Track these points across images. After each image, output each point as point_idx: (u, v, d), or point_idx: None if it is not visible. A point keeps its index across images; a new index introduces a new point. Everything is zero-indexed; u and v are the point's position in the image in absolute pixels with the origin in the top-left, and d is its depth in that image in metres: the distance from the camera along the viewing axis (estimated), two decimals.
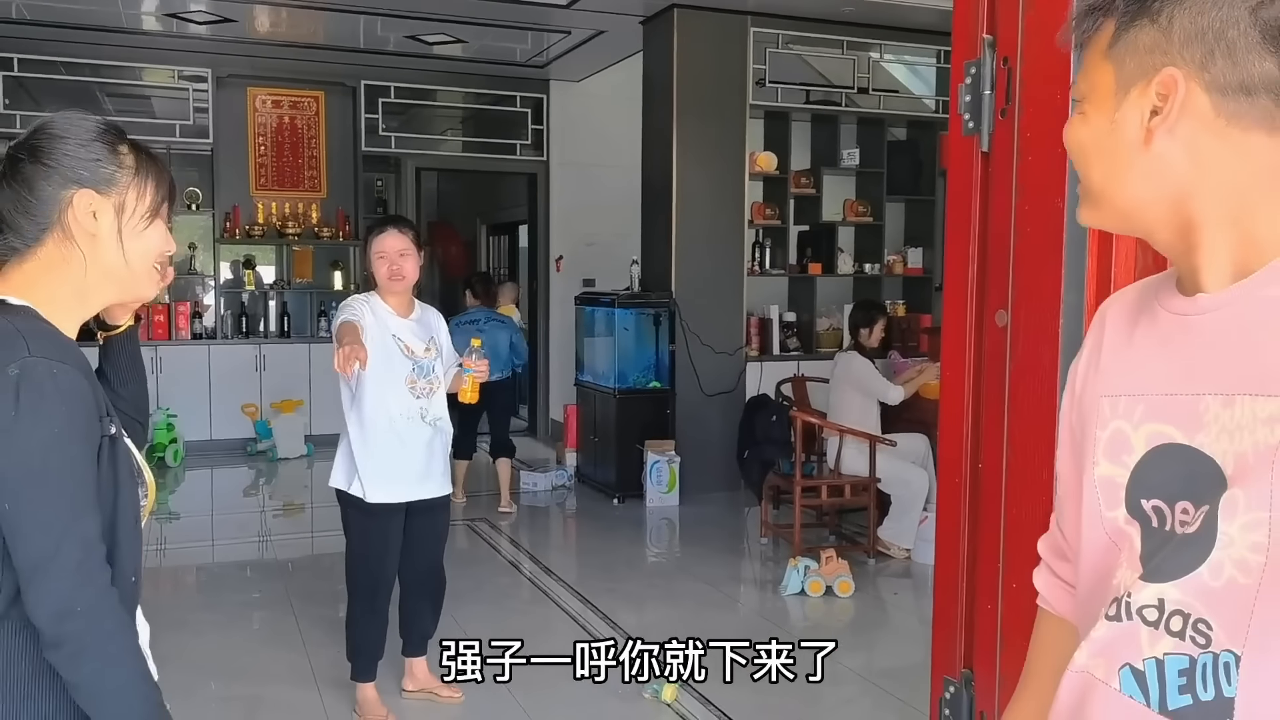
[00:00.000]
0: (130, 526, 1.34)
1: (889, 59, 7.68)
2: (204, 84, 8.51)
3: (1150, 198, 0.91)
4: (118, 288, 1.38)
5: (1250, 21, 0.84)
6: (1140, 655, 0.89)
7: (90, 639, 1.24)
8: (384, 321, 3.37)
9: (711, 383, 6.92)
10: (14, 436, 1.20)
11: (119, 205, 1.34)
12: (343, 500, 3.46)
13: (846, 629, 4.62)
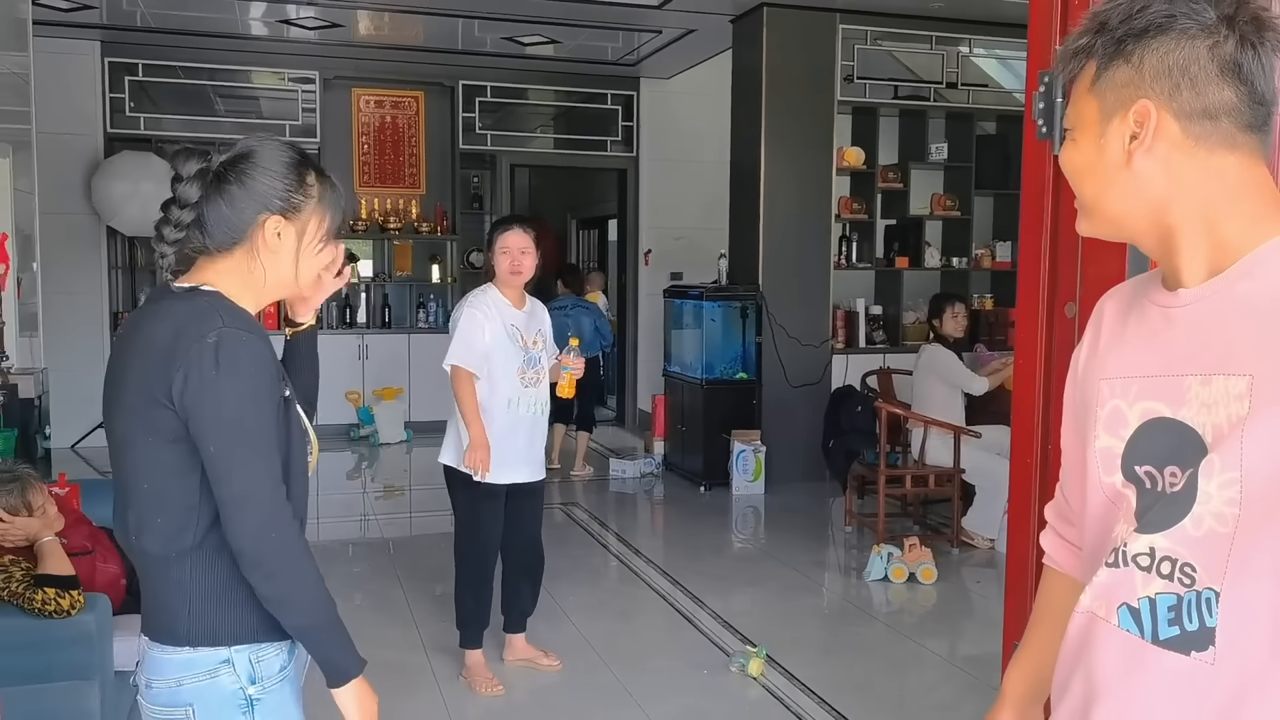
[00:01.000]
0: (300, 475, 1.61)
1: (979, 53, 7.69)
2: (311, 85, 8.92)
3: (1134, 209, 1.07)
4: (285, 293, 1.65)
5: (1209, 58, 1.00)
6: (1135, 595, 1.06)
7: (283, 560, 1.49)
8: (501, 313, 3.64)
9: (797, 374, 7.05)
10: (216, 391, 1.46)
11: (300, 230, 1.58)
12: (451, 477, 3.72)
13: (929, 615, 4.74)
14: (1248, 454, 0.97)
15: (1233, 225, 1.03)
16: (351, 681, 1.56)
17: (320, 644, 1.55)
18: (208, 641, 1.54)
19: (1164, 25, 1.01)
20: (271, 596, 1.50)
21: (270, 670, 1.57)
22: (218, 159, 1.56)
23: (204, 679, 1.54)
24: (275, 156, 1.57)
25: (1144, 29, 1.02)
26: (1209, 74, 1.00)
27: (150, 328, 1.53)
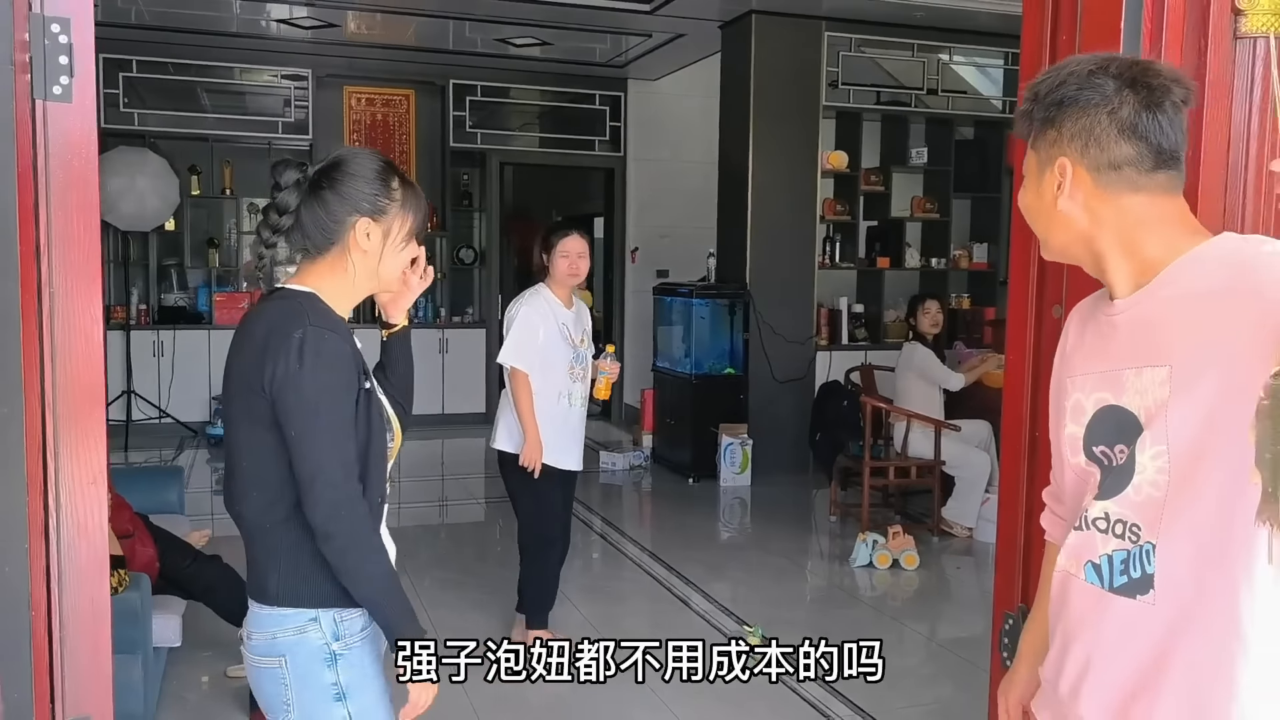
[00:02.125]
0: (379, 460, 1.78)
1: (958, 61, 7.95)
2: (304, 83, 9.05)
3: (1069, 241, 1.35)
4: (374, 290, 1.84)
5: (1109, 122, 1.27)
6: (1097, 553, 1.32)
7: (351, 537, 1.68)
8: (555, 312, 3.87)
9: (783, 370, 7.28)
10: (298, 381, 1.65)
11: (386, 230, 1.76)
12: (510, 466, 3.89)
13: (912, 599, 4.98)
14: (1171, 430, 1.23)
15: (1150, 247, 1.29)
16: None
17: (383, 612, 1.72)
18: (295, 602, 1.73)
19: (1074, 98, 1.28)
20: (341, 568, 1.68)
21: (352, 630, 1.76)
22: (313, 168, 1.75)
23: (295, 634, 1.73)
24: (364, 163, 1.76)
25: (1060, 101, 1.29)
26: (1110, 135, 1.27)
27: (254, 325, 1.73)
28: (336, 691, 1.74)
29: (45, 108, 1.59)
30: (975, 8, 6.92)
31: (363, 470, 1.73)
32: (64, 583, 1.64)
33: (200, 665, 3.80)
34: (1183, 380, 1.21)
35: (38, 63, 1.57)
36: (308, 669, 1.73)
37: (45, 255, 1.59)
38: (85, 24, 1.62)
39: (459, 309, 9.74)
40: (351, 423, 1.70)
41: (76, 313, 1.64)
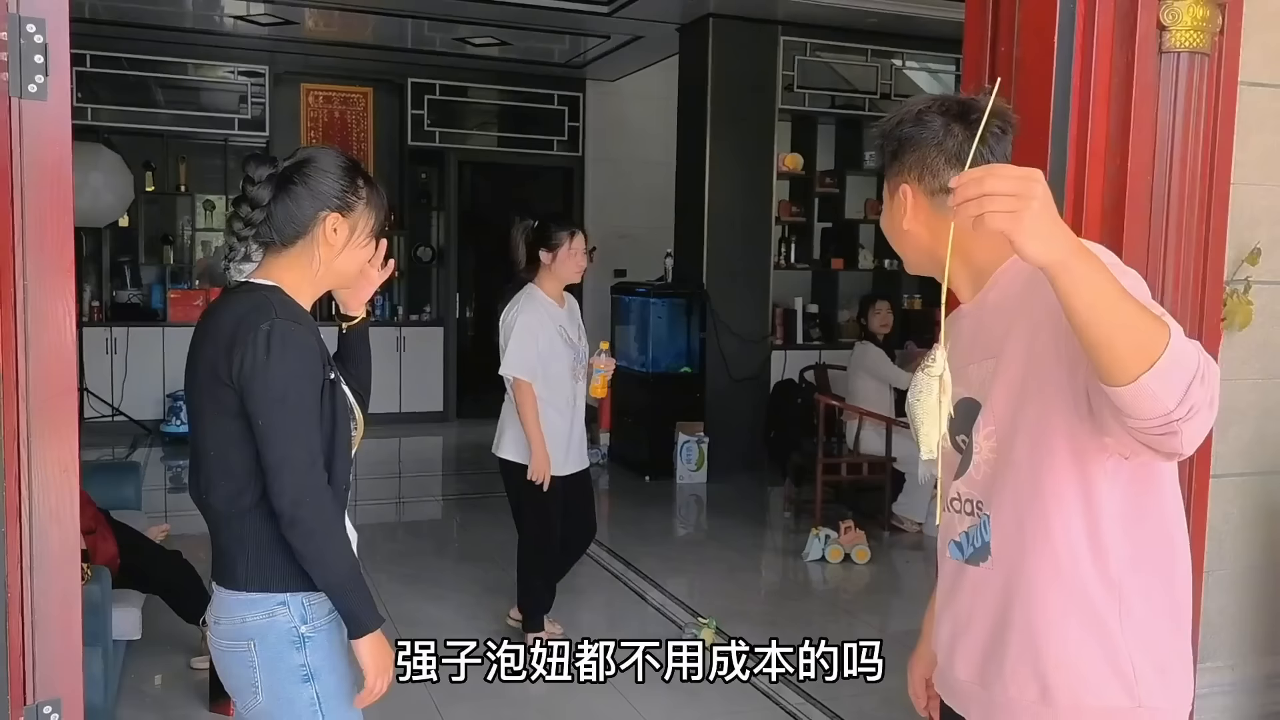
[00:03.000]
0: (344, 448, 1.84)
1: (911, 66, 8.12)
2: (261, 80, 9.01)
3: (919, 256, 1.52)
4: (337, 283, 1.91)
5: (937, 153, 1.44)
6: (956, 531, 1.50)
7: (315, 523, 1.73)
8: (551, 315, 3.82)
9: (739, 369, 7.39)
10: (266, 372, 1.71)
11: (353, 226, 1.83)
12: (515, 473, 3.85)
13: (863, 592, 5.10)
14: (996, 412, 1.42)
15: (980, 258, 1.47)
16: (369, 635, 1.77)
17: (344, 599, 1.77)
18: (264, 587, 1.78)
19: (909, 135, 1.46)
20: (304, 554, 1.74)
21: (320, 613, 1.81)
22: (283, 164, 1.81)
23: (264, 618, 1.79)
24: (332, 160, 1.83)
25: (899, 138, 1.48)
26: (939, 163, 1.45)
27: (220, 317, 1.78)
28: (305, 673, 1.79)
29: (20, 105, 1.63)
30: (927, 15, 7.07)
31: (328, 459, 1.78)
32: (36, 568, 1.68)
33: (159, 658, 3.81)
34: (1003, 368, 1.40)
35: (13, 62, 1.61)
36: (276, 652, 1.79)
37: (19, 249, 1.64)
38: (60, 24, 1.67)
39: (416, 307, 9.74)
40: (317, 412, 1.76)
41: (49, 305, 1.68)
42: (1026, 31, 2.16)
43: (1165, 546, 1.42)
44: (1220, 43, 2.15)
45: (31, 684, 1.69)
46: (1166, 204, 2.15)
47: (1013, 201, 1.12)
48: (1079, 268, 1.14)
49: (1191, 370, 1.14)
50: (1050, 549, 1.38)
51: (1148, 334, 1.13)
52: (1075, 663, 1.39)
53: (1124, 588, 1.38)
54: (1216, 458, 2.36)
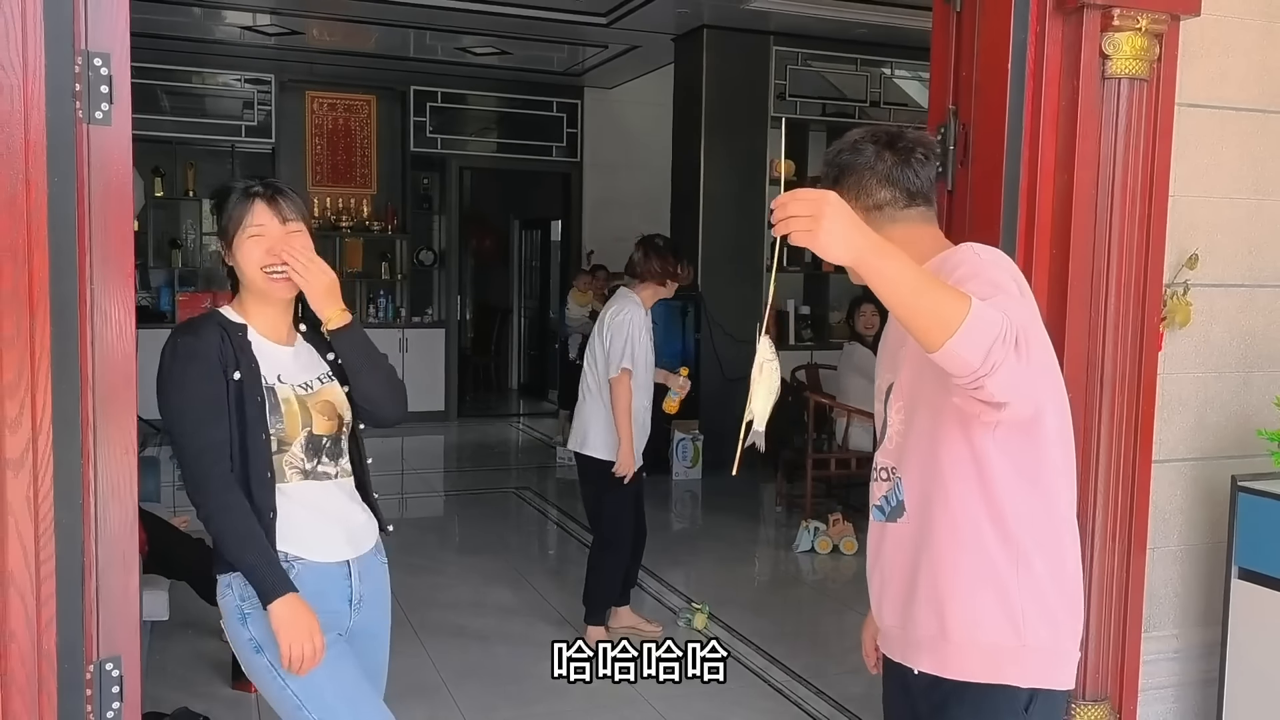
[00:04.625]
0: (256, 442, 1.97)
1: (900, 75, 8.35)
2: (267, 88, 9.23)
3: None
4: (257, 291, 2.05)
5: (870, 175, 1.70)
6: (878, 496, 1.75)
7: (210, 506, 1.95)
8: (647, 320, 4.12)
9: (733, 369, 7.60)
10: (160, 381, 1.97)
11: (229, 243, 2.03)
12: (604, 470, 4.06)
13: (850, 581, 5.31)
14: (903, 389, 1.69)
15: (916, 252, 1.66)
16: (275, 601, 1.91)
17: (248, 572, 1.95)
18: (219, 569, 2.03)
19: (848, 161, 1.72)
20: (209, 533, 1.98)
21: (253, 592, 1.97)
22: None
23: (221, 597, 2.04)
24: (216, 203, 2.09)
25: (839, 164, 1.73)
26: (870, 185, 1.70)
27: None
28: (255, 645, 1.99)
29: (89, 131, 1.86)
30: (914, 26, 7.28)
31: (241, 448, 1.96)
32: (100, 539, 1.91)
33: (184, 639, 4.03)
34: (910, 350, 1.64)
35: (83, 92, 1.84)
36: (231, 626, 2.03)
37: (88, 257, 1.86)
38: (123, 57, 1.89)
39: (419, 309, 9.96)
40: (212, 409, 1.95)
41: (113, 307, 1.91)
42: (984, 59, 2.39)
43: (1052, 512, 1.63)
44: (1158, 69, 2.37)
45: (96, 643, 1.91)
46: (1110, 215, 2.38)
47: (808, 221, 1.41)
48: (874, 263, 1.41)
49: (993, 335, 1.36)
50: (948, 507, 1.62)
51: (947, 309, 1.37)
52: (970, 605, 1.62)
53: (1021, 545, 1.60)
54: (1160, 444, 2.58)
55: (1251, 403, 2.78)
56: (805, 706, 3.68)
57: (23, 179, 1.67)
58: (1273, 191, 2.79)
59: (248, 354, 2.01)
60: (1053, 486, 1.63)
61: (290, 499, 2.02)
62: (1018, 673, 1.63)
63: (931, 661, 1.69)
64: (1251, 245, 2.77)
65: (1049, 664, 1.65)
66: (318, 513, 2.06)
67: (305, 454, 2.05)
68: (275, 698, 2.01)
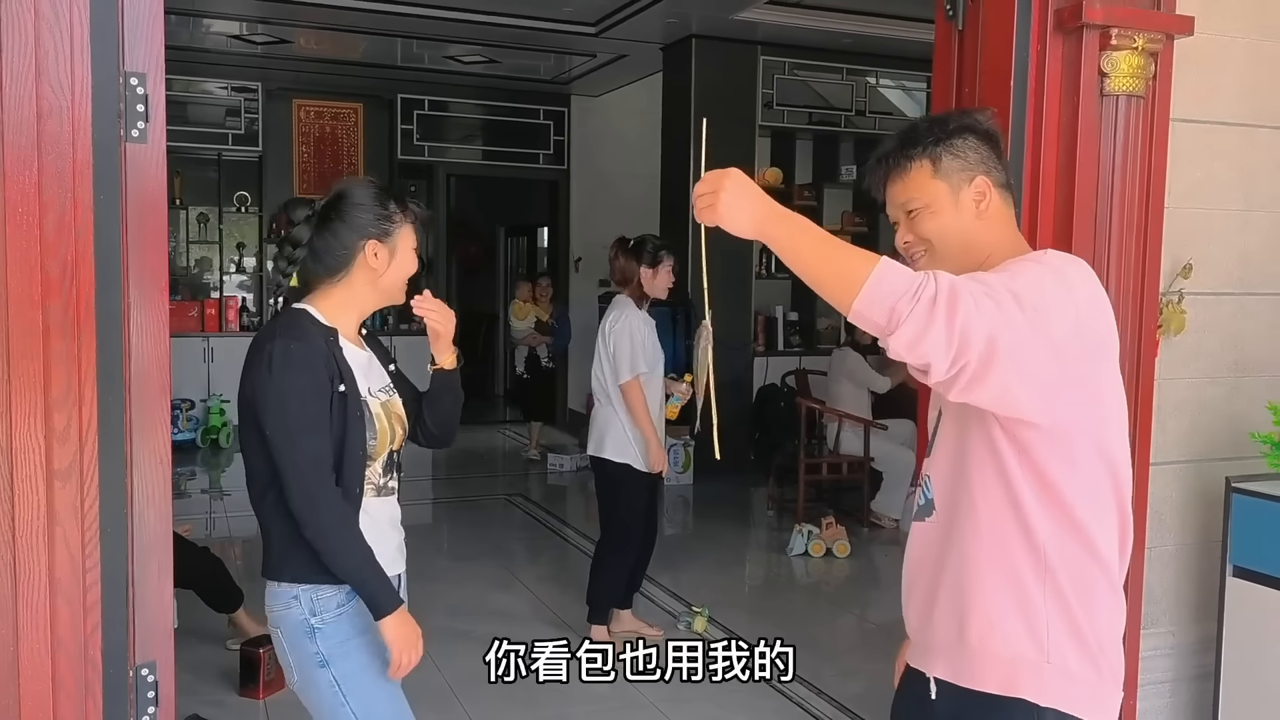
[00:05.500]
0: (354, 455, 1.97)
1: (885, 84, 8.46)
2: (254, 96, 9.24)
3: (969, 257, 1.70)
4: (381, 301, 2.09)
5: (996, 156, 1.65)
6: (919, 503, 1.70)
7: (325, 520, 1.91)
8: (647, 323, 4.16)
9: (722, 374, 7.50)
10: (267, 387, 1.92)
11: (392, 249, 2.03)
12: (619, 472, 4.13)
13: (844, 584, 5.40)
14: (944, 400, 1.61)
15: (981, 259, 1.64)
16: (388, 615, 1.93)
17: (361, 587, 1.94)
18: (282, 578, 2.00)
19: (966, 124, 1.66)
20: (320, 549, 1.91)
21: (328, 606, 1.97)
22: (319, 202, 2.04)
23: (283, 609, 2.00)
24: (364, 192, 2.03)
25: (967, 134, 1.66)
26: (993, 166, 1.64)
27: (253, 341, 2.03)
28: (320, 659, 1.98)
29: (126, 148, 1.91)
30: (899, 36, 7.40)
31: (338, 463, 1.94)
32: (136, 545, 1.95)
33: (189, 647, 4.03)
34: None
35: (122, 111, 1.88)
36: (294, 639, 2.00)
37: (128, 271, 1.91)
38: (158, 77, 1.94)
39: (406, 317, 9.96)
40: (323, 421, 1.92)
41: (149, 318, 1.96)
42: (986, 77, 2.48)
43: (1084, 542, 1.54)
44: (1153, 86, 2.47)
45: (133, 649, 1.96)
46: (1109, 226, 2.47)
47: (709, 198, 1.46)
48: (774, 231, 1.45)
49: (899, 292, 1.35)
50: (974, 509, 1.56)
51: (851, 270, 1.39)
52: (991, 611, 1.54)
53: (1049, 556, 1.51)
54: (1157, 448, 2.67)
55: (1243, 406, 2.88)
56: (807, 706, 3.75)
57: (71, 198, 1.72)
58: (1262, 203, 2.90)
59: (344, 362, 1.99)
60: (1085, 516, 1.53)
61: (365, 513, 2.01)
62: (1035, 689, 1.53)
63: (947, 668, 1.61)
64: (1242, 255, 2.87)
65: (1074, 688, 1.54)
66: (383, 526, 2.07)
67: (383, 469, 2.07)
68: (329, 713, 2.00)
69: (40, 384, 1.72)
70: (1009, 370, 1.39)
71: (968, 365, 1.37)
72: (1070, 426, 1.50)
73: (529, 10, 7.22)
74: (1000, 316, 1.38)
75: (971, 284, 1.40)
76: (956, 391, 1.41)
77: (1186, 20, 2.50)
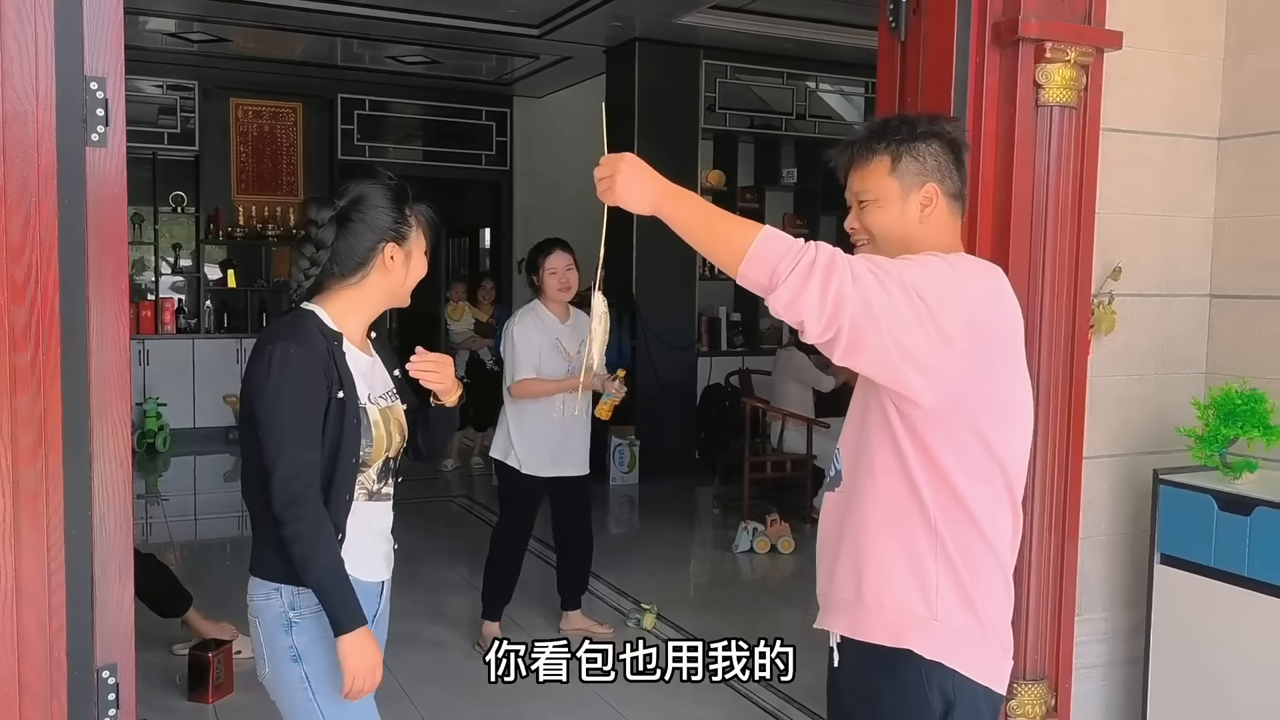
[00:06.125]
0: (346, 462, 1.96)
1: (824, 89, 8.62)
2: (190, 94, 9.10)
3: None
4: (392, 302, 2.09)
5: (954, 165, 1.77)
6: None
7: (301, 526, 1.90)
8: (547, 327, 4.09)
9: (668, 375, 7.76)
10: (265, 390, 1.92)
11: (408, 252, 2.04)
12: (501, 470, 4.17)
13: (789, 578, 5.51)
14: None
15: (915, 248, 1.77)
16: (347, 634, 1.89)
17: (324, 599, 1.91)
18: (264, 574, 2.01)
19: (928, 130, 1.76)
20: (291, 553, 1.90)
21: (308, 602, 1.96)
22: (339, 203, 2.00)
23: (263, 600, 2.02)
24: (383, 194, 2.01)
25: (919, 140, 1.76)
26: (951, 171, 1.76)
27: (259, 338, 2.03)
28: (294, 653, 2.00)
29: (86, 152, 1.91)
30: (839, 41, 7.55)
31: (330, 470, 1.94)
32: (98, 548, 1.95)
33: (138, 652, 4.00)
34: None
35: (84, 116, 1.88)
36: (271, 631, 2.01)
37: (91, 278, 1.91)
38: (118, 81, 1.95)
39: None
40: (315, 427, 1.92)
41: (110, 323, 1.96)
42: (928, 87, 2.57)
43: (969, 511, 1.65)
44: (1085, 98, 2.58)
45: (95, 650, 1.96)
46: (1044, 230, 2.58)
47: (607, 181, 1.61)
48: (668, 208, 1.61)
49: (778, 255, 1.51)
50: (872, 478, 1.69)
51: (738, 238, 1.55)
52: (885, 571, 1.67)
53: (940, 528, 1.64)
54: (1089, 442, 2.79)
55: (1169, 403, 3.02)
56: (755, 699, 3.84)
57: (35, 203, 1.73)
58: (1185, 209, 3.04)
59: (345, 368, 1.98)
60: (974, 505, 1.65)
61: (354, 517, 2.01)
62: (922, 642, 1.65)
63: (846, 624, 1.74)
64: (1168, 259, 3.01)
65: (960, 646, 1.66)
66: (372, 532, 2.08)
67: (378, 475, 2.07)
68: (297, 708, 2.00)
69: (6, 389, 1.72)
70: (885, 341, 1.52)
71: (842, 329, 1.52)
72: (953, 414, 1.61)
73: (472, 12, 7.22)
74: (879, 291, 1.52)
75: (857, 260, 1.55)
76: (838, 355, 1.55)
77: (1115, 35, 2.62)
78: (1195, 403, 2.85)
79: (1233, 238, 3.05)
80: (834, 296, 1.49)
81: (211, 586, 5.25)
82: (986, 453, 1.65)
